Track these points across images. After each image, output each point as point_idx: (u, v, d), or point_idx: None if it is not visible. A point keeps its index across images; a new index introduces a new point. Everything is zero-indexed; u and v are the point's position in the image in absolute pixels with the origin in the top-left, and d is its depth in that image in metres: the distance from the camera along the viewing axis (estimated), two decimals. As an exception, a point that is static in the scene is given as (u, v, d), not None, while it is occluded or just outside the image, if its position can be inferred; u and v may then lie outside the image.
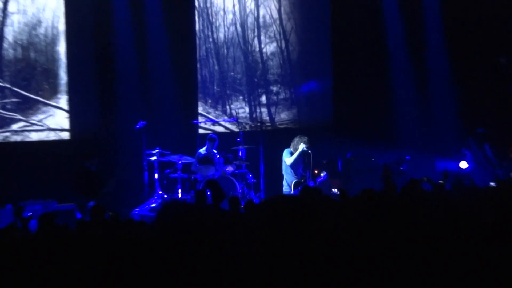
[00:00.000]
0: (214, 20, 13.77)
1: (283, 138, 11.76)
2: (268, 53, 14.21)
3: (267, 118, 14.14)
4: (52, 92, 12.34)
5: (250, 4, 14.02)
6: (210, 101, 13.83)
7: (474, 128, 13.19)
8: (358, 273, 3.20)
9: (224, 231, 3.59)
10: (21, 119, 12.10)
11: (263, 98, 14.20)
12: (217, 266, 3.16)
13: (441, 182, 8.53)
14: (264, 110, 14.17)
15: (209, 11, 13.76)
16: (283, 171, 10.90)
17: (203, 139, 12.31)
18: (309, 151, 10.71)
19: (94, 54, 12.41)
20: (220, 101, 13.90)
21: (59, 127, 12.41)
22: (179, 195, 11.41)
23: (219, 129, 13.72)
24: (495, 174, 12.01)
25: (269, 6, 14.17)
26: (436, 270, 3.34)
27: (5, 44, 11.92)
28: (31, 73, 12.19)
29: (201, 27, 13.70)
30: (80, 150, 11.50)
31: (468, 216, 4.11)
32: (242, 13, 13.94)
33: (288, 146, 10.97)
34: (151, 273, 3.23)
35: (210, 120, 13.66)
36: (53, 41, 12.31)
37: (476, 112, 13.66)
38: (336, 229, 3.60)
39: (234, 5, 13.89)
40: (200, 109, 13.67)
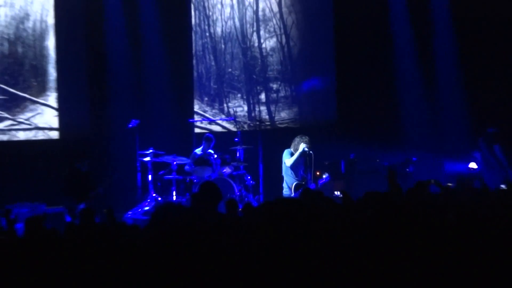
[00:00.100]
0: (211, 14, 13.77)
1: (283, 138, 11.74)
2: (268, 49, 14.20)
3: (267, 117, 14.13)
4: (41, 89, 12.34)
5: (249, -3, 14.03)
6: (207, 99, 13.83)
7: (484, 128, 13.18)
8: (361, 280, 3.19)
9: (221, 236, 3.59)
10: (8, 118, 12.10)
11: (262, 96, 14.20)
12: (213, 273, 3.15)
13: (449, 185, 8.51)
14: (264, 109, 14.17)
15: (206, 4, 13.76)
16: (283, 173, 10.88)
17: (199, 139, 12.30)
18: (311, 152, 10.70)
19: (85, 49, 12.42)
20: (217, 99, 13.90)
21: (48, 126, 12.40)
22: (174, 198, 11.42)
23: (216, 129, 13.72)
24: (506, 176, 11.99)
25: (269, -1, 14.18)
26: (444, 277, 3.32)
27: (-9, 39, 11.94)
28: (19, 69, 12.19)
29: (198, 21, 13.69)
30: (70, 150, 11.49)
31: (478, 220, 4.10)
32: (241, 6, 13.94)
33: (289, 147, 10.95)
34: (144, 281, 3.22)
35: (207, 119, 13.66)
36: (42, 36, 12.31)
37: (487, 112, 13.65)
38: (339, 234, 3.60)
39: (232, -2, 13.90)
40: (196, 107, 13.67)
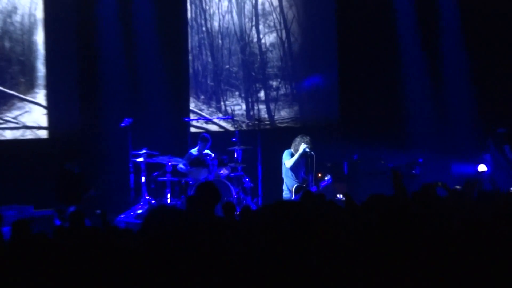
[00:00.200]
0: (208, 8, 13.76)
1: (283, 138, 11.73)
2: (267, 44, 14.20)
3: (266, 116, 14.13)
4: (29, 86, 12.32)
5: (248, -10, 14.02)
6: (203, 97, 13.82)
7: (494, 128, 13.19)
8: (364, 286, 3.18)
9: (218, 240, 3.58)
10: (-6, 116, 12.09)
11: (262, 94, 14.19)
12: (209, 280, 3.14)
13: (457, 187, 8.52)
14: (263, 107, 14.17)
15: (203, -2, 13.76)
16: (283, 175, 10.87)
17: (195, 139, 12.30)
18: (312, 153, 10.69)
19: (76, 44, 12.41)
20: (214, 97, 13.89)
21: (36, 125, 12.39)
22: (168, 201, 11.41)
23: (213, 128, 13.72)
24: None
25: (269, -7, 14.18)
26: (449, 284, 3.32)
27: (-23, 33, 11.94)
28: (6, 65, 12.17)
29: (194, 15, 13.68)
30: (60, 150, 11.50)
31: (485, 225, 4.10)
32: (239, 0, 13.93)
33: (289, 147, 10.94)
34: (136, 287, 3.22)
35: (203, 118, 13.66)
36: (30, 30, 12.29)
37: (496, 111, 13.66)
38: (341, 238, 3.59)
39: (230, -9, 13.90)
40: (192, 106, 13.67)
